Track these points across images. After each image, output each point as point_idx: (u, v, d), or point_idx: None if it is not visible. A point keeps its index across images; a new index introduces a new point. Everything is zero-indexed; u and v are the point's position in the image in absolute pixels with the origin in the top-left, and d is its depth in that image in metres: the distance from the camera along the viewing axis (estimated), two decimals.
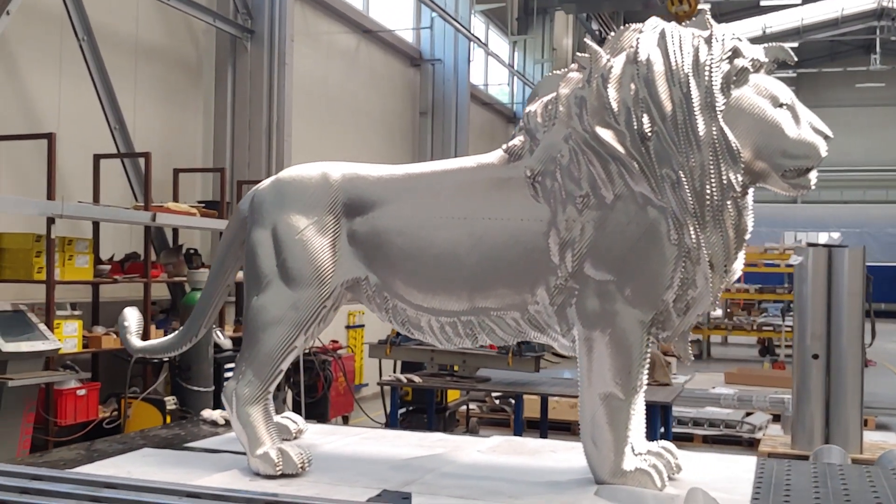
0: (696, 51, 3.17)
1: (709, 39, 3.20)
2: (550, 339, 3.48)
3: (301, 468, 3.42)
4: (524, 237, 3.32)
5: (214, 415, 4.62)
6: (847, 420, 8.45)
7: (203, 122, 10.21)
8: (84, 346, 6.89)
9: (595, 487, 3.24)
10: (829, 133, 3.21)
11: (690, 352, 3.51)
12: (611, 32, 25.62)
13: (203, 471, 3.49)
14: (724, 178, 3.09)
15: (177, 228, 8.58)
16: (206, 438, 4.20)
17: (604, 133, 3.18)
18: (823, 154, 3.18)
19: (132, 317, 4.13)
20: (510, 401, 10.58)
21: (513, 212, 3.35)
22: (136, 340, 4.10)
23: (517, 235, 3.33)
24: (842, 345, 8.45)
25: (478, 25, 20.27)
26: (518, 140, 3.43)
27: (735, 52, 3.17)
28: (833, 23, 35.46)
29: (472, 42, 16.75)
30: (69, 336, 6.59)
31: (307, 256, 3.53)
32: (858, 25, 36.36)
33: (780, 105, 3.17)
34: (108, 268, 7.35)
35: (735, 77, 3.15)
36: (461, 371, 7.34)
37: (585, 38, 3.53)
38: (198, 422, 4.63)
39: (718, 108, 3.10)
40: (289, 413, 4.30)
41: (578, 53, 3.41)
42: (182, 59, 9.97)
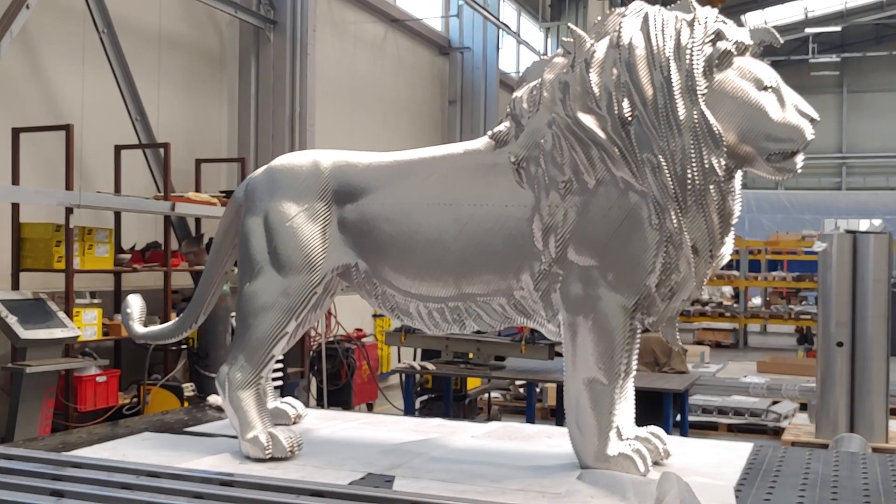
0: (678, 34, 3.14)
1: (691, 23, 3.17)
2: (537, 325, 3.49)
3: (290, 452, 3.47)
4: (509, 223, 3.33)
5: (219, 400, 4.69)
6: (872, 409, 8.32)
7: (227, 113, 10.32)
8: (104, 334, 7.02)
9: (579, 472, 3.25)
10: (816, 116, 3.17)
11: (678, 337, 3.50)
12: None
13: (195, 453, 3.55)
14: (706, 162, 3.07)
15: (199, 218, 8.69)
16: (208, 423, 4.27)
17: (585, 118, 3.17)
18: (809, 137, 3.13)
19: (135, 304, 4.20)
20: (538, 388, 10.59)
21: (498, 198, 3.36)
22: (139, 327, 4.18)
23: (502, 221, 3.34)
24: (867, 333, 8.31)
25: (509, 12, 20.20)
26: (504, 126, 3.44)
27: (718, 35, 3.14)
28: (878, 6, 34.71)
29: (501, 29, 16.70)
30: (89, 324, 6.72)
31: (298, 243, 3.57)
32: None
33: (765, 88, 3.13)
34: (129, 257, 7.48)
35: (717, 60, 3.12)
36: (475, 358, 7.35)
37: (569, 24, 3.52)
38: (204, 407, 4.71)
39: (700, 92, 3.08)
40: (288, 398, 4.35)
41: (564, 38, 3.40)
42: (206, 50, 10.08)
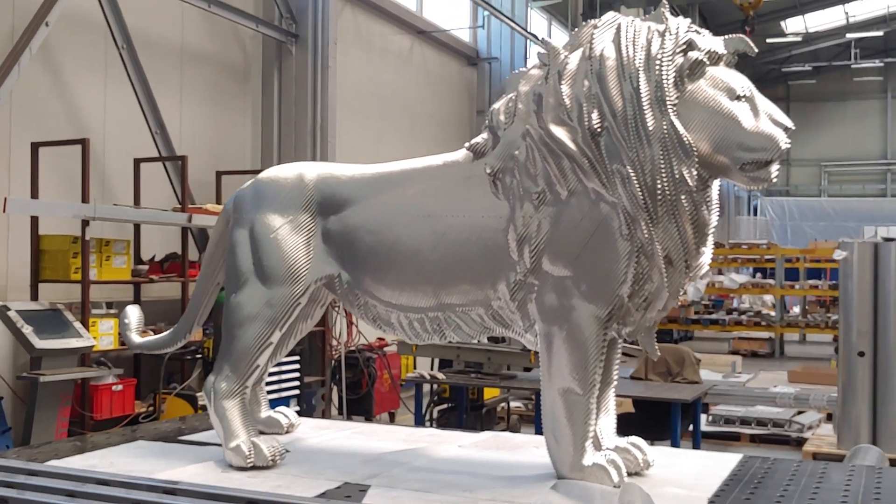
0: (649, 45, 3.15)
1: (663, 33, 3.17)
2: (516, 335, 3.51)
3: (272, 460, 3.52)
4: (485, 234, 3.35)
5: None
6: (894, 419, 8.19)
7: (251, 125, 10.47)
8: (121, 344, 7.15)
9: (554, 482, 3.26)
10: (790, 124, 3.15)
11: (657, 347, 3.49)
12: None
13: (181, 462, 3.61)
14: (676, 173, 3.07)
15: None
16: (203, 432, 4.33)
17: (557, 130, 3.19)
18: (783, 146, 3.11)
19: (133, 315, 4.28)
20: None
21: (474, 209, 3.39)
22: (136, 337, 4.26)
23: (478, 232, 3.36)
24: (889, 342, 8.18)
25: (539, 21, 20.22)
26: (481, 138, 3.47)
27: (689, 46, 3.14)
28: None
29: (529, 39, 16.72)
30: (105, 334, 6.86)
31: (281, 255, 3.63)
32: None
33: (738, 97, 3.12)
34: (146, 268, 7.61)
35: (689, 70, 3.11)
36: (487, 368, 7.37)
37: (543, 38, 3.53)
38: (205, 416, 4.78)
39: (670, 103, 3.07)
40: (282, 408, 4.39)
41: (540, 50, 3.43)
42: (229, 64, 10.23)
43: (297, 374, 8.31)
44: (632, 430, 7.40)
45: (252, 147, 10.43)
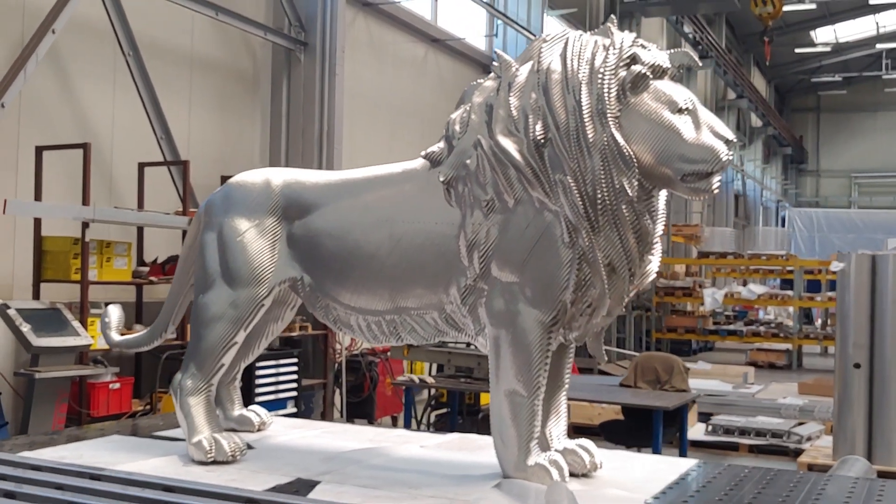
0: (593, 58, 3.25)
1: (608, 47, 3.27)
2: (469, 338, 3.61)
3: (232, 456, 3.63)
4: (438, 240, 3.46)
5: None
6: (891, 431, 8.15)
7: (259, 132, 10.66)
8: None
9: (499, 481, 3.35)
10: (731, 137, 3.23)
11: (604, 352, 3.59)
12: (702, 34, 25.12)
13: (146, 455, 3.74)
14: (616, 183, 3.16)
15: None
16: (177, 428, 4.46)
17: (504, 141, 3.30)
18: (724, 158, 3.18)
19: (113, 314, 4.43)
20: None
21: (429, 215, 3.50)
22: (115, 335, 4.41)
23: (432, 238, 3.48)
24: (885, 354, 8.16)
25: (556, 28, 20.32)
26: (437, 147, 3.58)
27: (633, 59, 3.23)
28: None
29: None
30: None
31: (246, 257, 3.76)
32: None
33: (680, 110, 3.20)
34: (147, 269, 7.80)
35: (631, 83, 3.20)
36: (477, 373, 7.47)
37: (496, 50, 3.63)
38: None
39: (611, 115, 3.17)
40: (254, 406, 4.51)
41: (494, 63, 3.54)
42: (239, 71, 10.43)
43: (296, 377, 8.45)
44: (618, 437, 7.55)
45: (260, 153, 10.61)
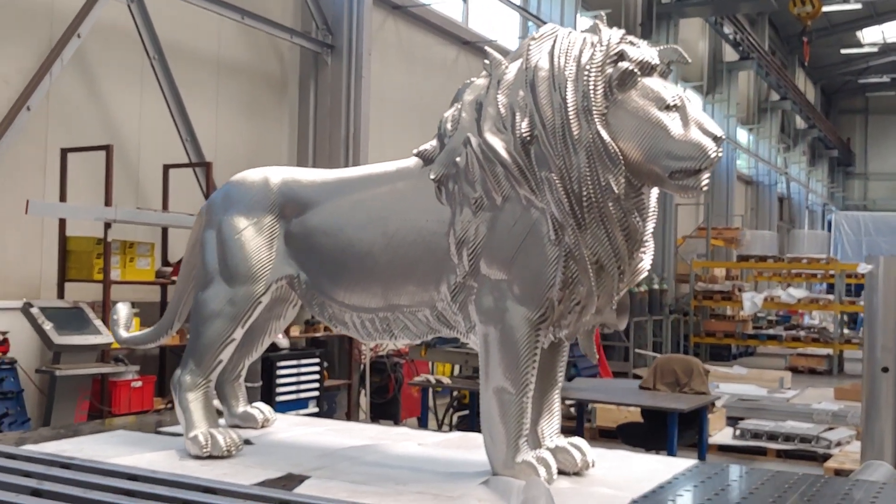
0: (580, 55, 3.24)
1: (595, 44, 3.26)
2: (461, 336, 3.62)
3: (227, 451, 3.68)
4: (429, 237, 3.47)
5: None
6: None
7: (287, 134, 10.77)
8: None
9: (487, 478, 3.35)
10: (720, 133, 3.19)
11: (594, 350, 3.58)
12: (743, 35, 24.84)
13: (145, 449, 3.79)
14: (602, 180, 3.14)
15: None
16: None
17: (492, 138, 3.30)
18: (712, 155, 3.14)
19: (122, 312, 4.51)
20: (588, 408, 10.58)
21: (421, 213, 3.51)
22: (123, 332, 4.49)
23: (424, 235, 3.49)
24: None
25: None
26: (430, 145, 3.60)
27: (620, 56, 3.21)
28: None
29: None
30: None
31: (244, 255, 3.81)
32: None
33: (668, 107, 3.17)
34: (171, 269, 7.91)
35: (618, 80, 3.18)
36: None
37: (486, 47, 3.64)
38: None
39: (597, 112, 3.15)
40: (258, 403, 4.54)
41: (486, 61, 3.55)
42: (266, 75, 10.55)
43: (318, 377, 8.51)
44: (636, 440, 7.48)
45: (288, 155, 10.72)
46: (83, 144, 7.84)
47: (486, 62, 3.49)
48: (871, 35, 39.52)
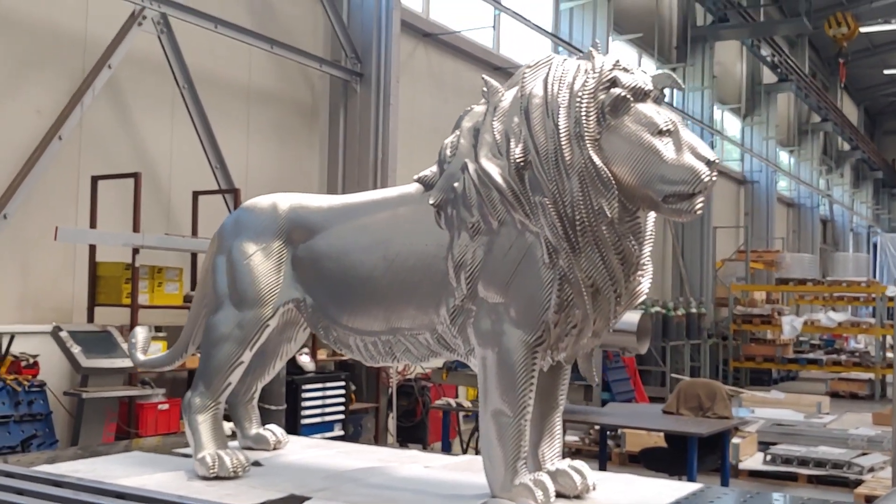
0: (573, 82, 3.29)
1: (588, 71, 3.32)
2: (461, 358, 3.66)
3: (234, 472, 3.74)
4: (429, 261, 3.53)
5: (226, 426, 5.06)
6: None
7: (318, 161, 10.93)
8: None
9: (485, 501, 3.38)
10: (713, 157, 3.22)
11: (595, 373, 3.60)
12: (780, 57, 24.66)
13: (155, 470, 3.88)
14: (595, 205, 3.18)
15: None
16: None
17: (487, 164, 3.36)
18: (705, 179, 3.16)
19: (140, 335, 4.62)
20: (617, 433, 10.53)
21: (421, 238, 3.57)
22: (140, 355, 4.60)
23: (423, 259, 3.55)
24: None
25: (628, 54, 20.26)
26: (430, 171, 3.67)
27: (613, 83, 3.26)
28: None
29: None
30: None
31: (252, 279, 3.89)
32: None
33: (661, 132, 3.21)
34: None
35: (610, 106, 3.22)
36: None
37: (483, 76, 3.70)
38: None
39: (589, 137, 3.19)
40: (271, 425, 4.60)
41: (484, 88, 3.62)
42: (296, 103, 10.74)
43: (343, 400, 8.58)
44: (658, 465, 7.43)
45: (319, 181, 10.87)
46: (114, 172, 8.04)
47: (484, 90, 3.57)
48: None
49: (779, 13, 27.84)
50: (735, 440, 9.76)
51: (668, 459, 7.16)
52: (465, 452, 8.25)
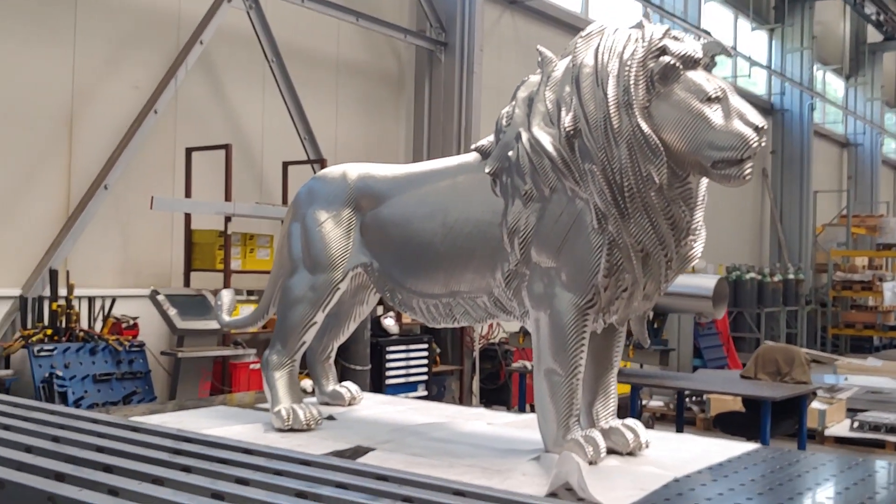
0: (623, 52, 3.39)
1: (638, 40, 3.40)
2: (517, 319, 3.82)
3: (307, 425, 4.00)
4: (485, 228, 3.69)
5: (306, 383, 5.35)
6: None
7: (404, 130, 11.17)
8: (263, 328, 7.96)
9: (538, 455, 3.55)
10: (761, 123, 3.27)
11: (647, 335, 3.71)
12: (886, 15, 23.68)
13: (235, 422, 4.17)
14: (644, 171, 3.28)
15: None
16: None
17: (539, 133, 3.49)
18: (754, 145, 3.22)
19: (226, 298, 4.92)
20: (702, 398, 10.51)
21: (478, 205, 3.73)
22: (226, 316, 4.90)
23: (480, 226, 3.71)
24: None
25: (723, 14, 19.82)
26: (487, 140, 3.82)
27: (662, 51, 3.34)
28: None
29: (701, 37, 16.46)
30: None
31: (325, 244, 4.13)
32: None
33: (710, 99, 3.27)
34: None
35: (659, 74, 3.31)
36: None
37: (538, 47, 3.80)
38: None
39: (638, 105, 3.29)
40: (346, 382, 4.84)
41: (539, 59, 3.73)
42: (384, 73, 10.97)
43: (427, 362, 8.83)
44: (736, 429, 7.45)
45: (405, 150, 11.11)
46: (208, 143, 8.42)
47: (539, 60, 3.68)
48: None
49: None
50: (822, 406, 9.65)
51: (745, 423, 7.18)
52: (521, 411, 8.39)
